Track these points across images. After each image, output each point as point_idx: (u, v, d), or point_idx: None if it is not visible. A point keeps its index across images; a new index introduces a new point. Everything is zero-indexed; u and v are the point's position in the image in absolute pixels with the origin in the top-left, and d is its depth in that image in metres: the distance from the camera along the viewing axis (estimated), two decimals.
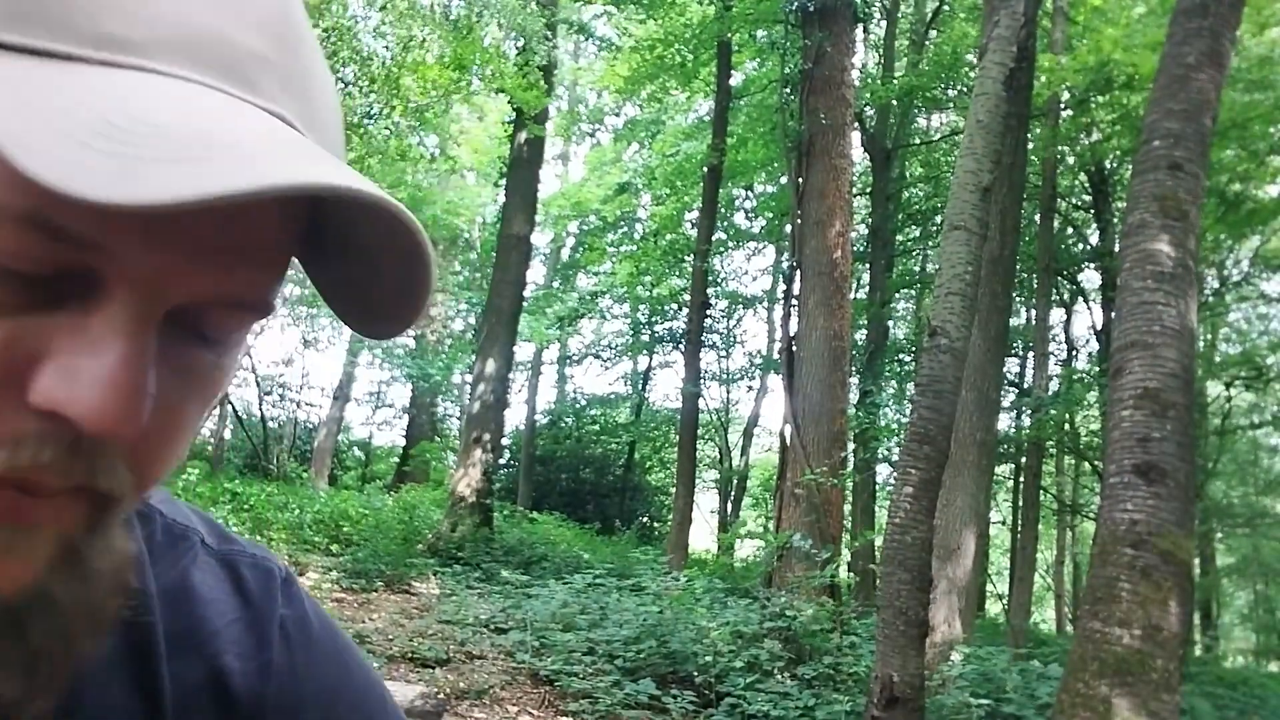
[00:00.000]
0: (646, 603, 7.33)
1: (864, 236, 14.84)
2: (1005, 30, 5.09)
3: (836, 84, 11.06)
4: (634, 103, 18.81)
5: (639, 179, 18.67)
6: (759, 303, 19.52)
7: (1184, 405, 4.02)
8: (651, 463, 21.95)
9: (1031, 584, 12.81)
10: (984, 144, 4.89)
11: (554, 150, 24.41)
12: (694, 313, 13.14)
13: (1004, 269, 8.21)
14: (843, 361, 10.56)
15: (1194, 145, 4.24)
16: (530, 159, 12.57)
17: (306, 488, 15.03)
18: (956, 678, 5.91)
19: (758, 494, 21.80)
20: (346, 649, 0.61)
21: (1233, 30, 4.47)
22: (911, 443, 4.59)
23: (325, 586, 7.92)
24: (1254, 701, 8.16)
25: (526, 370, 21.74)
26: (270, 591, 0.58)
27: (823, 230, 10.60)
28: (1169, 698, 3.69)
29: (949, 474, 5.84)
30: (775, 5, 11.47)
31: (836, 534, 9.90)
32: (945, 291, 4.74)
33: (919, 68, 13.30)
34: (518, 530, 13.20)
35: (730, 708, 5.83)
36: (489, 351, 11.75)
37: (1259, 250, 13.74)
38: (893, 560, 4.46)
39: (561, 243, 23.39)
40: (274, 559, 0.60)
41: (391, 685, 4.69)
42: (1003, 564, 19.65)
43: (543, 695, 5.82)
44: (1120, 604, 3.80)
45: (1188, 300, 4.16)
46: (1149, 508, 3.86)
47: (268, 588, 0.58)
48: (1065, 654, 5.29)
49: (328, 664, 0.59)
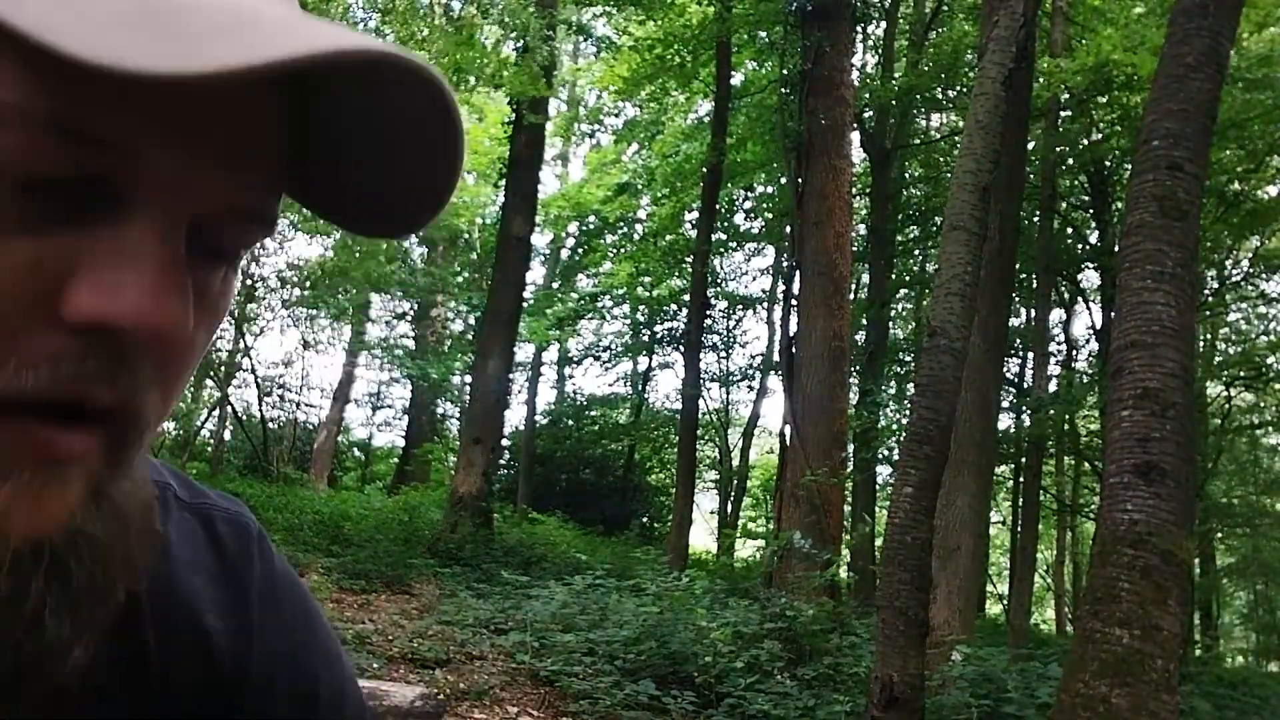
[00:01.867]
0: (647, 603, 7.33)
1: (864, 236, 14.83)
2: (1004, 31, 5.09)
3: (836, 84, 11.07)
4: (633, 103, 18.81)
5: (639, 180, 18.66)
6: (759, 303, 19.52)
7: (1184, 405, 4.02)
8: (651, 463, 21.95)
9: (1031, 584, 12.80)
10: (983, 144, 4.89)
11: (554, 151, 24.43)
12: (694, 313, 13.14)
13: (1004, 269, 8.21)
14: (843, 361, 10.57)
15: (1194, 145, 4.24)
16: (530, 159, 12.57)
17: (306, 489, 15.04)
18: (956, 678, 5.91)
19: (758, 494, 21.79)
20: (315, 610, 0.62)
21: (1232, 30, 4.47)
22: (911, 443, 4.59)
23: (326, 587, 7.92)
24: (1254, 701, 8.15)
25: (526, 371, 21.74)
26: (247, 550, 0.58)
27: (822, 230, 10.60)
28: (1169, 698, 3.69)
29: (949, 474, 5.84)
30: (776, 6, 11.48)
31: (836, 534, 9.90)
32: (945, 292, 4.74)
33: (918, 68, 13.28)
34: (518, 531, 13.21)
35: (730, 708, 5.82)
36: (489, 352, 11.75)
37: (1259, 250, 13.73)
38: (893, 560, 4.46)
39: (561, 243, 23.39)
40: (246, 513, 0.60)
41: (391, 686, 4.69)
42: (1003, 564, 19.65)
43: (543, 696, 5.82)
44: (1120, 604, 3.80)
45: (1187, 300, 4.17)
46: (1149, 508, 3.86)
47: (244, 546, 0.58)
48: (1065, 654, 5.29)
49: (300, 625, 0.60)
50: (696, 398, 12.97)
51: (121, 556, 0.41)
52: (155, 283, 0.35)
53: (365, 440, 24.36)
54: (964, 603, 7.40)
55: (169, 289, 0.35)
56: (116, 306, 0.34)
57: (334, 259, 15.77)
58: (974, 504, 7.61)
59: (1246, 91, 10.13)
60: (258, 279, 15.10)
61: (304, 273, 15.66)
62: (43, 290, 0.34)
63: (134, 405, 0.38)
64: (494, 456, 11.76)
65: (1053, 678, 5.60)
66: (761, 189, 17.96)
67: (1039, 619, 20.08)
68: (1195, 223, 4.31)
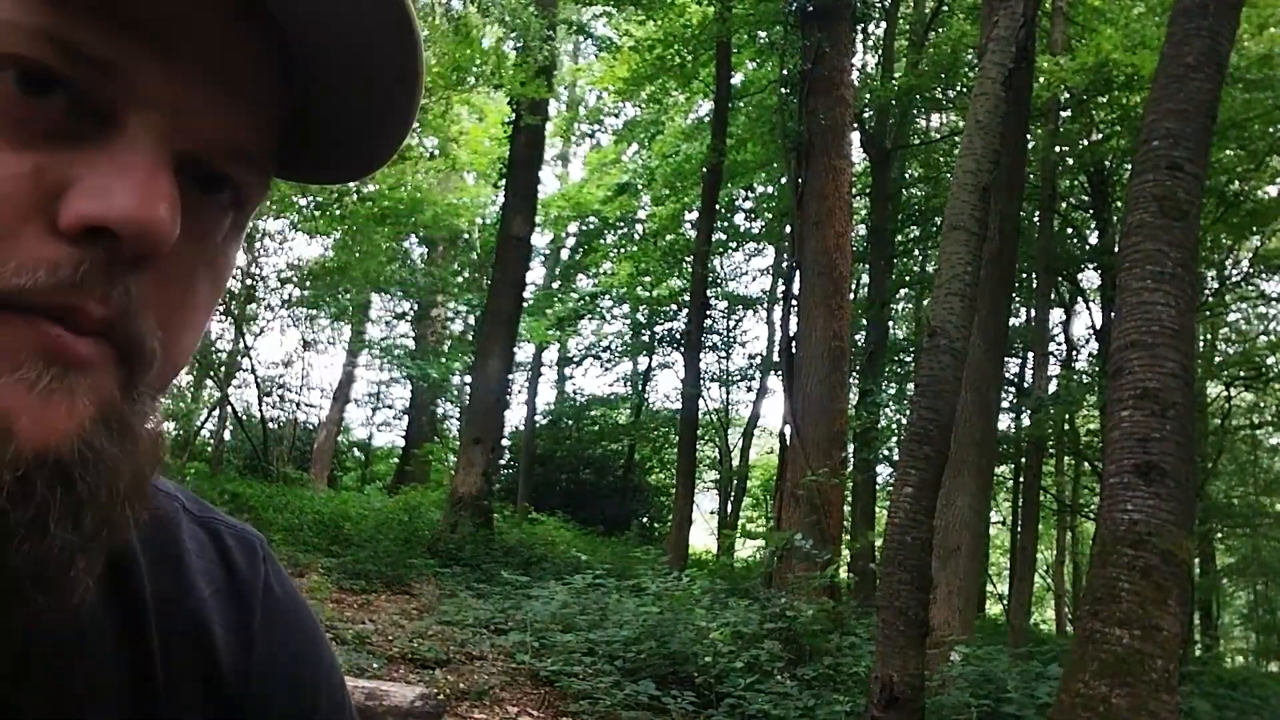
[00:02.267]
0: (646, 603, 7.33)
1: (864, 236, 14.83)
2: (1004, 31, 5.09)
3: (836, 84, 11.07)
4: (633, 103, 18.80)
5: (639, 180, 18.66)
6: (759, 303, 19.51)
7: (1184, 405, 4.02)
8: (651, 463, 21.94)
9: (1031, 584, 12.80)
10: (983, 144, 4.89)
11: (554, 151, 24.44)
12: (694, 313, 13.14)
13: (1004, 269, 8.21)
14: (842, 361, 10.56)
15: (1193, 145, 4.24)
16: (530, 159, 12.57)
17: (306, 489, 15.04)
18: (956, 678, 5.91)
19: (758, 494, 21.78)
20: (316, 625, 0.63)
21: (1232, 30, 4.47)
22: (911, 443, 4.59)
23: (325, 587, 7.92)
24: (1254, 701, 8.15)
25: (526, 371, 21.74)
26: (254, 565, 0.59)
27: (822, 230, 10.60)
28: (1168, 698, 3.69)
29: (949, 474, 5.84)
30: (776, 6, 11.47)
31: (836, 534, 9.90)
32: (945, 292, 4.74)
33: (918, 68, 13.28)
34: (518, 531, 13.21)
35: (730, 708, 5.82)
36: (489, 352, 11.76)
37: (1259, 250, 13.73)
38: (893, 560, 4.46)
39: (561, 243, 23.38)
40: (253, 531, 0.62)
41: (391, 686, 4.69)
42: (1003, 564, 19.65)
43: (543, 696, 5.82)
44: (1120, 604, 3.80)
45: (1187, 300, 4.16)
46: (1149, 508, 3.86)
47: (251, 560, 0.60)
48: (1065, 654, 5.29)
49: (302, 639, 0.61)
50: (696, 398, 12.97)
51: (130, 476, 0.41)
52: (142, 188, 0.38)
53: (365, 440, 24.37)
54: (964, 603, 7.40)
55: (155, 195, 0.38)
56: (106, 208, 0.37)
57: (334, 258, 15.77)
58: (974, 504, 7.61)
59: (1246, 91, 10.13)
60: (258, 279, 15.11)
61: (304, 272, 15.65)
62: (41, 199, 0.37)
63: (132, 324, 0.39)
64: (494, 456, 11.76)
65: (1053, 678, 5.59)
66: (761, 189, 17.97)
67: (1039, 619, 20.08)
68: (1195, 223, 4.31)
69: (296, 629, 0.60)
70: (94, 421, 0.39)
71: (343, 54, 0.45)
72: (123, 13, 0.38)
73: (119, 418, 0.40)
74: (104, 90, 0.38)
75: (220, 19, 0.41)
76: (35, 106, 0.37)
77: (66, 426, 0.38)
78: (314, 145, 0.49)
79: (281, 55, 0.45)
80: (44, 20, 0.37)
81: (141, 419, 0.42)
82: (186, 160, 0.41)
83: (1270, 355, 13.48)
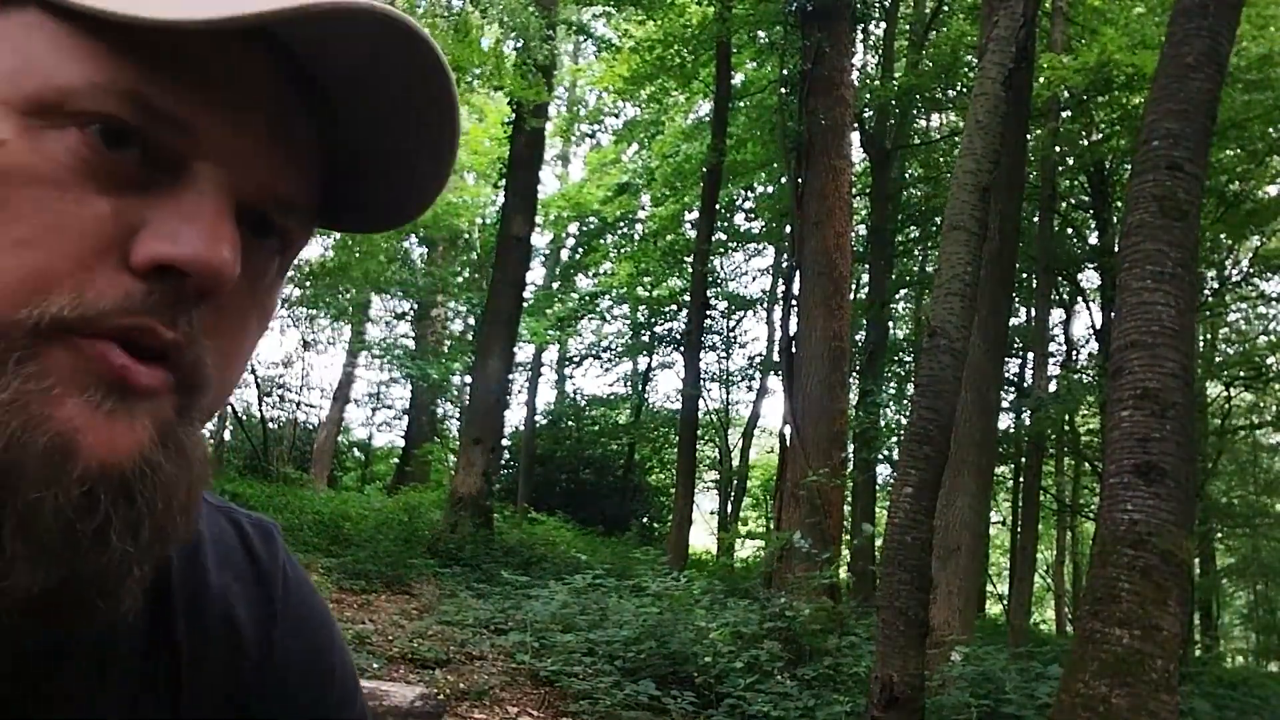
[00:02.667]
0: (646, 603, 7.32)
1: (864, 236, 14.82)
2: (1004, 30, 5.09)
3: (835, 84, 11.07)
4: (633, 103, 18.80)
5: (639, 180, 18.65)
6: (759, 303, 19.51)
7: (1184, 405, 4.02)
8: (651, 463, 21.93)
9: (1031, 584, 12.80)
10: (983, 144, 4.89)
11: (554, 151, 24.42)
12: (694, 313, 13.14)
13: (1004, 269, 8.21)
14: (842, 362, 10.56)
15: (1193, 145, 4.23)
16: (530, 160, 12.56)
17: (306, 489, 15.04)
18: (956, 678, 5.91)
19: (758, 494, 21.78)
20: (326, 607, 0.67)
21: (1232, 30, 4.47)
22: (911, 443, 4.59)
23: (325, 587, 7.92)
24: (1254, 701, 8.14)
25: (526, 371, 21.73)
26: (273, 551, 0.63)
27: (822, 230, 10.60)
28: (1168, 698, 3.69)
29: (949, 474, 5.84)
30: (776, 6, 11.47)
31: (836, 534, 9.90)
32: (945, 292, 4.74)
33: (918, 68, 13.28)
34: (518, 531, 13.20)
35: (730, 708, 5.82)
36: (489, 352, 11.75)
37: (1259, 250, 13.73)
38: (893, 560, 4.46)
39: (561, 243, 23.38)
40: (268, 519, 0.66)
41: (391, 686, 4.69)
42: (1003, 564, 19.65)
43: (543, 696, 5.82)
44: (1120, 604, 3.80)
45: (1187, 300, 4.16)
46: (1149, 508, 3.86)
47: (270, 547, 0.63)
48: (1065, 654, 5.28)
49: (319, 626, 0.64)
50: (696, 398, 12.96)
51: (183, 495, 0.44)
52: (209, 232, 0.42)
53: (365, 440, 24.35)
54: (964, 603, 7.40)
55: (220, 238, 0.42)
56: (176, 249, 0.41)
57: (334, 258, 15.77)
58: (974, 504, 7.60)
59: (1246, 92, 10.12)
60: None
61: (304, 272, 15.65)
62: (116, 238, 0.41)
63: (193, 352, 0.43)
64: (494, 456, 11.76)
65: (1052, 678, 5.59)
66: (761, 189, 17.96)
67: (1039, 619, 20.08)
68: (1195, 223, 4.31)
69: (311, 611, 0.64)
70: (153, 441, 0.42)
71: (383, 130, 0.50)
72: (195, 74, 0.43)
73: (175, 439, 0.44)
74: (175, 143, 0.43)
75: (278, 83, 0.46)
76: (115, 158, 0.41)
77: (128, 444, 0.41)
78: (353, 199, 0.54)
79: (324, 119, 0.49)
80: (127, 82, 0.41)
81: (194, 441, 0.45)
82: (244, 208, 0.45)
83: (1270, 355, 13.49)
